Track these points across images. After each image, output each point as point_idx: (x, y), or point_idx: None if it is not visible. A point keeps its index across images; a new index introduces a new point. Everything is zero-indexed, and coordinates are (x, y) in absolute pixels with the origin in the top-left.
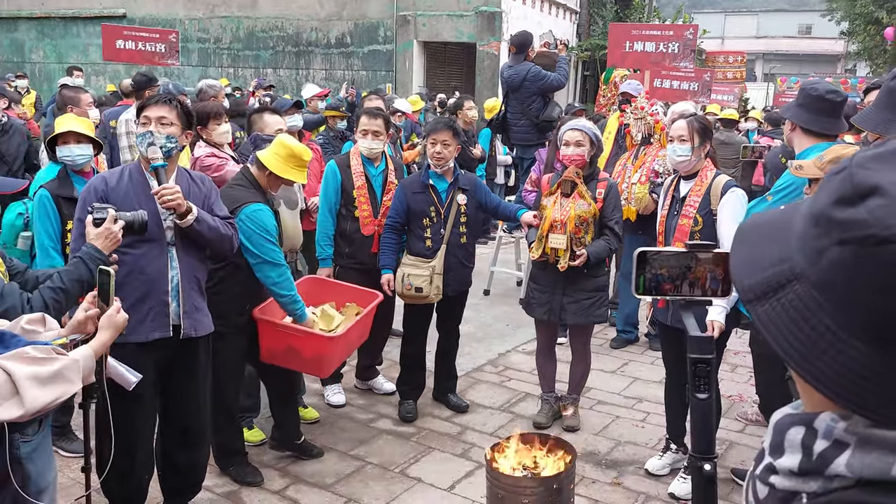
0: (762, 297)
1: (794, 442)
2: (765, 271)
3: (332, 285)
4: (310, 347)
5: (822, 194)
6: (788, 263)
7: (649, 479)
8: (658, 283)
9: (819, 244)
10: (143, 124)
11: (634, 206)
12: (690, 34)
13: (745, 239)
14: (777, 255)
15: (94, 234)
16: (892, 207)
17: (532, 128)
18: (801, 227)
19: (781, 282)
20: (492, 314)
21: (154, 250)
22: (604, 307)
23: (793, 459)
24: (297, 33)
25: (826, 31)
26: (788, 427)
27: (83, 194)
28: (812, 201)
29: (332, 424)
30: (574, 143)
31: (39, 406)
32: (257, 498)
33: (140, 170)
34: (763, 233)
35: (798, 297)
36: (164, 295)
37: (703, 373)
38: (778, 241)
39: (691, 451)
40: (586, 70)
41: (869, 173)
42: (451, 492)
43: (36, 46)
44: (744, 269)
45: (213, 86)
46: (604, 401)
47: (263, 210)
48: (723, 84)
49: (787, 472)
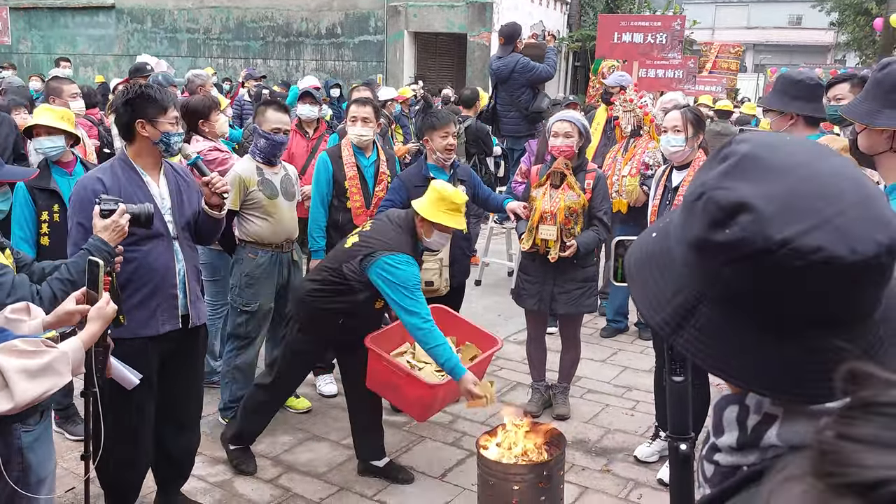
0: (677, 328)
1: (730, 420)
2: (669, 304)
3: (456, 320)
4: (413, 391)
5: (692, 221)
6: (687, 290)
7: (639, 465)
8: None
9: (708, 267)
10: (174, 123)
11: (625, 199)
12: (678, 25)
13: (635, 277)
14: (673, 285)
15: (100, 226)
16: (762, 219)
17: (522, 119)
18: (684, 256)
19: (688, 309)
20: (483, 304)
21: (160, 245)
22: (594, 297)
23: (731, 437)
24: (287, 23)
25: (816, 21)
26: (725, 407)
27: (79, 197)
28: (682, 230)
29: (324, 414)
30: (563, 135)
31: (29, 399)
32: (250, 487)
33: (130, 164)
34: (651, 268)
35: (707, 318)
36: (173, 288)
37: (679, 356)
38: (667, 272)
39: (669, 432)
40: (577, 61)
41: (727, 192)
42: (442, 480)
43: (23, 37)
44: (649, 308)
45: (200, 75)
46: (594, 389)
47: (407, 262)
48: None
49: (728, 449)
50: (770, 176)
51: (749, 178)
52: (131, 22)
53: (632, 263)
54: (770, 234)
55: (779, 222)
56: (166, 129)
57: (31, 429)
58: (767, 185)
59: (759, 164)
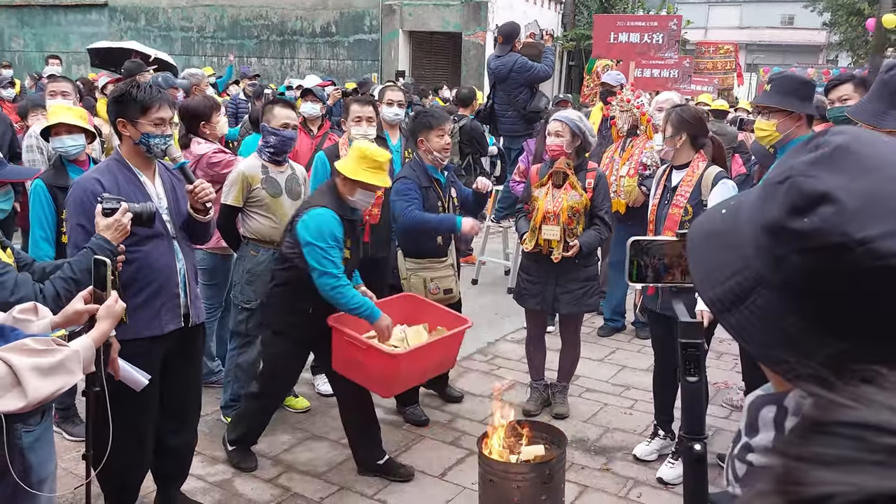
0: (730, 306)
1: (767, 420)
2: (727, 282)
3: (428, 306)
4: (375, 363)
5: (771, 204)
6: (749, 272)
7: (638, 464)
8: (651, 271)
9: (777, 252)
10: (158, 125)
11: (624, 199)
12: (675, 25)
13: (697, 251)
14: (735, 264)
15: (103, 224)
16: (844, 214)
17: (519, 119)
18: (753, 236)
19: (746, 290)
20: (480, 303)
21: (162, 245)
22: (595, 296)
23: (767, 437)
24: (281, 22)
25: (808, 21)
26: (761, 407)
27: (78, 198)
28: (759, 210)
29: (323, 413)
30: (553, 134)
31: (41, 397)
32: (249, 486)
33: (125, 164)
34: (713, 243)
35: (765, 303)
36: (175, 287)
37: (693, 357)
38: (731, 251)
39: (682, 432)
40: (571, 60)
41: (813, 181)
42: (442, 479)
43: (16, 34)
44: (706, 282)
45: (195, 74)
46: (592, 388)
47: (324, 215)
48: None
49: (763, 449)
50: (859, 171)
51: (838, 170)
52: (124, 20)
53: (695, 238)
54: (849, 230)
55: (860, 220)
56: (146, 130)
57: (31, 429)
58: (855, 180)
59: (850, 157)
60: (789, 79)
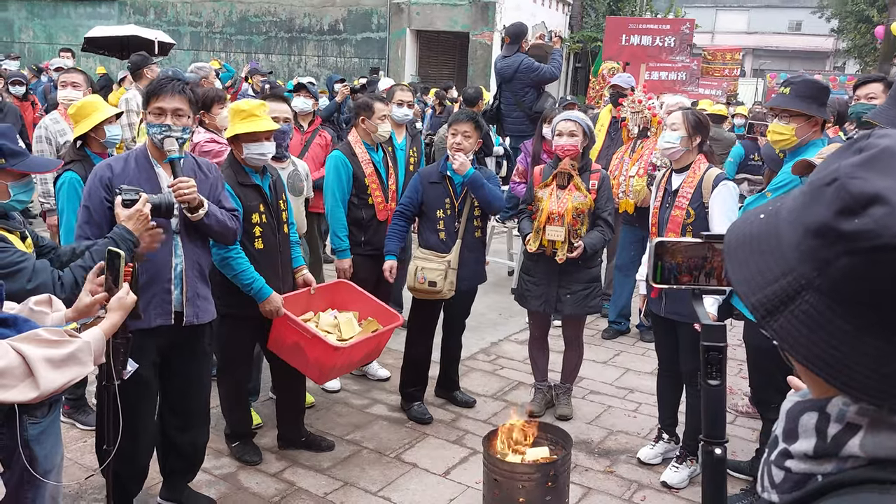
0: (774, 311)
1: (807, 427)
2: (769, 286)
3: (360, 295)
4: (314, 351)
5: (817, 206)
6: (792, 275)
7: (642, 467)
8: (675, 273)
9: (825, 255)
10: (158, 115)
11: (632, 199)
12: (687, 29)
13: (735, 255)
14: (777, 268)
15: (124, 215)
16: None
17: (525, 119)
18: (797, 239)
19: (790, 294)
20: (484, 303)
21: None
22: (598, 297)
23: (807, 443)
24: (289, 19)
25: (816, 27)
26: (801, 413)
27: (89, 182)
28: (802, 212)
29: (327, 409)
30: (567, 134)
31: (54, 388)
32: (255, 480)
33: (146, 156)
34: (753, 247)
35: (811, 307)
36: (167, 283)
37: (715, 360)
38: (772, 255)
39: (703, 435)
40: (578, 62)
41: (862, 182)
42: (446, 477)
43: (26, 26)
44: (747, 287)
45: (203, 68)
46: (596, 391)
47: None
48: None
49: (803, 456)
50: None
51: (886, 172)
52: (134, 13)
53: (732, 241)
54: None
55: None
56: (149, 120)
57: (37, 421)
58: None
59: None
60: (809, 83)
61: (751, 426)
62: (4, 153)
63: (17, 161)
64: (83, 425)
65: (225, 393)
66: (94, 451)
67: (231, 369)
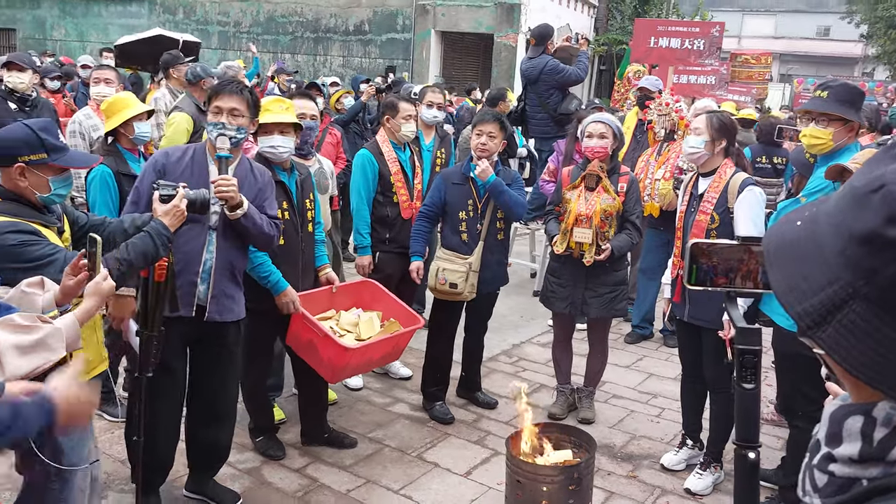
0: (821, 321)
1: (852, 431)
2: (815, 295)
3: (384, 296)
4: (326, 351)
5: (863, 213)
6: (839, 284)
7: (665, 473)
8: (711, 275)
9: (872, 263)
10: (215, 113)
11: (658, 203)
12: (717, 32)
13: (776, 263)
14: (822, 277)
15: (161, 210)
16: None
17: (550, 121)
18: (841, 246)
19: (837, 303)
20: (506, 305)
21: (193, 231)
22: (624, 301)
23: (852, 447)
24: (316, 19)
25: (845, 33)
26: (845, 417)
27: (145, 165)
28: (846, 219)
29: (350, 407)
30: (597, 136)
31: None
32: (278, 475)
33: (204, 152)
34: (793, 254)
35: (860, 316)
36: (194, 276)
37: (751, 363)
38: (815, 263)
39: (736, 439)
40: (602, 65)
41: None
42: (467, 477)
43: (58, 24)
44: (792, 296)
45: (232, 66)
46: (619, 395)
47: None
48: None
49: (847, 460)
50: None
51: None
52: (163, 13)
53: (771, 249)
54: None
55: None
56: (209, 118)
57: None
58: None
59: None
60: (847, 87)
61: (776, 434)
62: (47, 148)
63: (59, 156)
64: (111, 417)
65: (246, 388)
66: (124, 440)
67: (251, 363)
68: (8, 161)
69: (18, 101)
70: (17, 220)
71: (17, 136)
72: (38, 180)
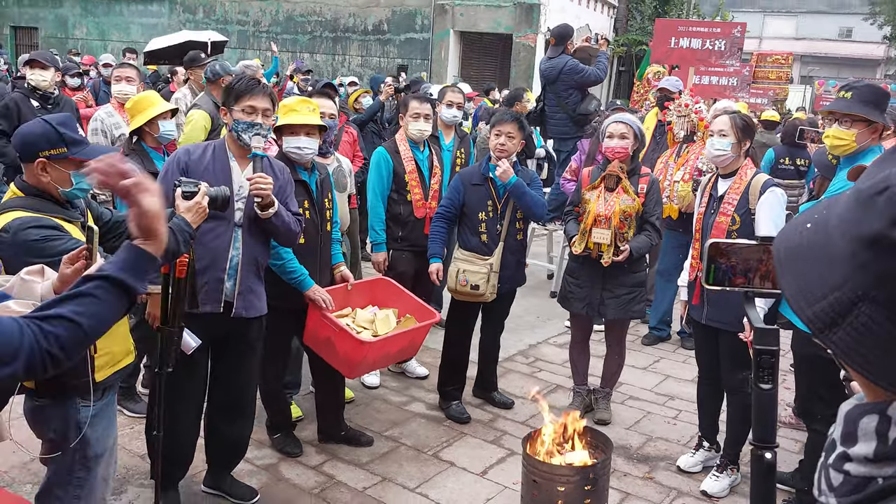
0: (831, 324)
1: (867, 430)
2: (824, 298)
3: (400, 293)
4: (343, 346)
5: (869, 216)
6: (847, 286)
7: (681, 475)
8: (729, 275)
9: (881, 265)
10: (249, 113)
11: (677, 205)
12: (738, 32)
13: (787, 267)
14: (831, 280)
15: (183, 207)
16: None
17: (568, 121)
18: (850, 249)
19: (846, 306)
20: (523, 305)
21: (220, 227)
22: (642, 302)
23: (868, 447)
24: (334, 19)
25: (867, 34)
26: (860, 416)
27: (167, 162)
28: (854, 222)
29: (366, 405)
30: (618, 136)
31: None
32: (295, 472)
33: (224, 149)
34: (802, 258)
35: (869, 318)
36: (221, 272)
37: (768, 364)
38: (824, 266)
39: (752, 439)
40: (622, 65)
41: None
42: (483, 476)
43: (79, 23)
44: (802, 299)
45: (250, 66)
46: (635, 396)
47: None
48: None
49: (862, 459)
50: None
51: None
52: (183, 12)
53: (781, 252)
54: None
55: None
56: (238, 117)
57: (90, 404)
58: None
59: None
60: (872, 88)
61: (794, 437)
62: (66, 142)
63: (79, 150)
64: (131, 412)
65: (263, 385)
66: (144, 435)
67: (269, 359)
68: (29, 157)
69: (41, 98)
70: (40, 215)
71: (36, 132)
72: (60, 175)
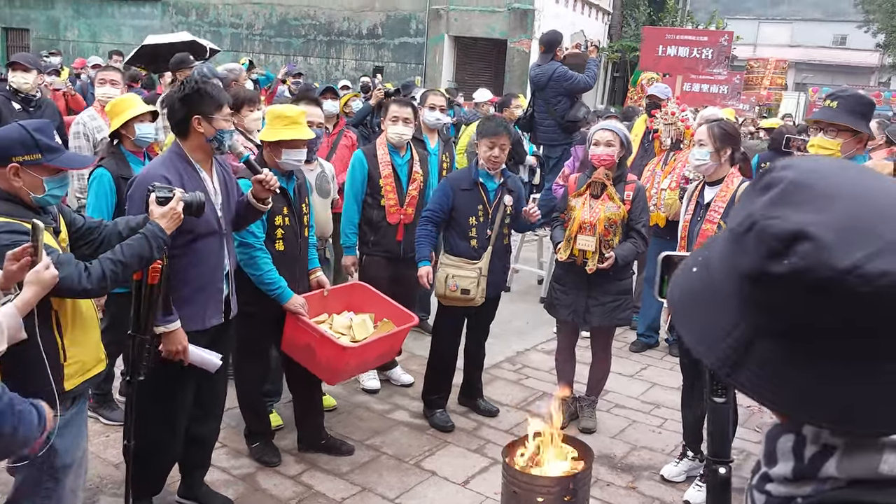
0: (736, 366)
1: (785, 450)
2: (723, 341)
3: (377, 298)
4: (324, 352)
5: (744, 253)
6: (742, 325)
7: (664, 485)
8: None
9: (767, 300)
10: (227, 120)
11: (664, 213)
12: (725, 41)
13: (682, 314)
14: (726, 322)
15: (158, 213)
16: (823, 247)
17: (557, 127)
18: (735, 288)
19: (745, 344)
20: (511, 311)
21: (214, 242)
22: (628, 310)
23: (786, 466)
24: (328, 22)
25: (861, 42)
26: (778, 436)
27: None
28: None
29: (349, 413)
30: (604, 143)
31: None
32: (272, 482)
33: (186, 158)
34: (697, 302)
35: (767, 353)
36: (220, 282)
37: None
38: (716, 308)
39: (707, 454)
40: (616, 72)
41: (780, 221)
42: (465, 486)
43: (71, 24)
44: (702, 346)
45: (233, 69)
46: (621, 404)
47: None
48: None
49: (782, 479)
50: (822, 202)
51: (800, 206)
52: (176, 14)
53: (675, 301)
54: (833, 262)
55: (841, 249)
56: (221, 126)
57: (59, 414)
58: (821, 212)
59: (807, 190)
60: (857, 97)
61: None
62: (41, 148)
63: (54, 157)
64: (107, 420)
65: (241, 392)
66: (117, 444)
67: (244, 366)
68: (2, 161)
69: (23, 101)
70: (10, 220)
71: (12, 136)
72: (33, 181)
